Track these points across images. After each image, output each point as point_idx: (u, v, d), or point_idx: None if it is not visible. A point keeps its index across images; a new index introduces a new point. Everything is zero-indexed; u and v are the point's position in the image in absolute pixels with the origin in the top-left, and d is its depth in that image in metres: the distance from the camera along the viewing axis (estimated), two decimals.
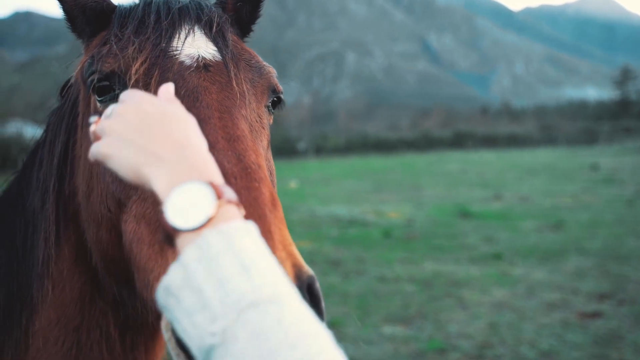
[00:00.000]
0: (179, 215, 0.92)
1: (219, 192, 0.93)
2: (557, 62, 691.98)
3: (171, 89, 1.18)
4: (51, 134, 1.65)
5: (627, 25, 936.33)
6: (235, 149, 1.20)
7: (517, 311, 7.69)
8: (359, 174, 36.98)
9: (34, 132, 1.83)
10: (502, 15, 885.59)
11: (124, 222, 1.23)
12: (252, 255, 0.88)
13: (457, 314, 7.65)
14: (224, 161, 1.15)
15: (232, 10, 1.60)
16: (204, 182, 0.95)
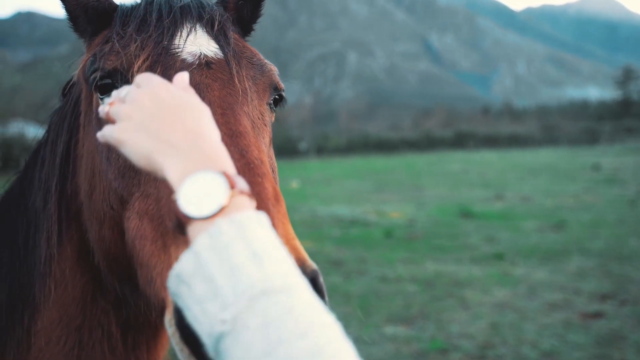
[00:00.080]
0: (192, 203, 0.92)
1: (232, 182, 0.94)
2: (558, 62, 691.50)
3: (186, 78, 1.18)
4: (53, 133, 1.65)
5: (629, 25, 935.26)
6: (237, 144, 1.20)
7: (518, 311, 7.68)
8: (361, 174, 36.99)
9: (36, 132, 1.83)
10: (503, 15, 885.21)
11: (127, 219, 1.24)
12: (263, 244, 0.89)
13: (458, 314, 7.65)
14: None
15: (233, 9, 1.61)
16: (218, 171, 0.96)
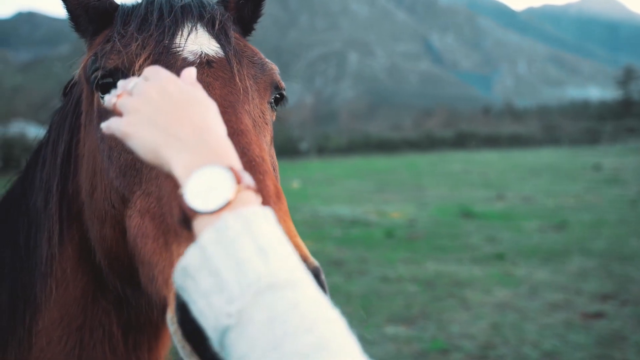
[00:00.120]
0: (198, 197, 0.93)
1: (238, 177, 0.95)
2: (559, 62, 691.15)
3: (193, 74, 1.19)
4: (54, 133, 1.65)
5: (630, 25, 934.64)
6: (239, 142, 1.21)
7: (519, 311, 7.68)
8: (362, 174, 36.99)
9: (37, 132, 1.83)
10: (504, 15, 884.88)
11: (128, 217, 1.24)
12: (269, 239, 0.89)
13: (459, 314, 7.65)
14: None
15: (234, 8, 1.61)
16: (224, 166, 0.96)
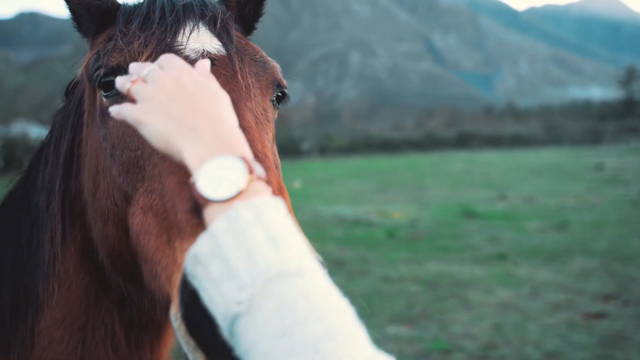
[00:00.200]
0: (211, 186, 0.95)
1: (250, 168, 0.97)
2: (561, 62, 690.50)
3: (207, 65, 1.21)
4: (57, 133, 1.65)
5: (632, 24, 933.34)
6: None
7: (521, 312, 7.67)
8: (363, 174, 37.00)
9: (39, 132, 1.83)
10: (506, 15, 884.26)
11: (131, 215, 1.24)
12: (280, 229, 0.90)
13: (461, 314, 7.64)
14: None
15: (235, 8, 1.61)
16: (237, 156, 0.98)
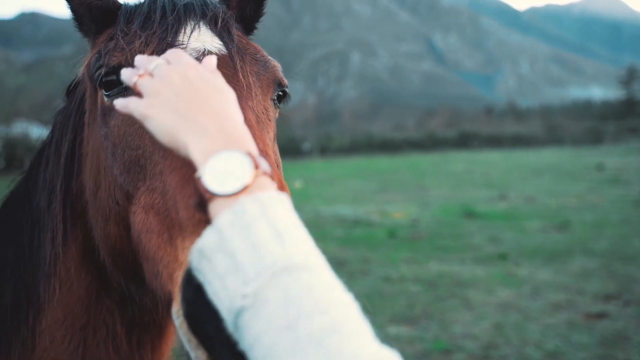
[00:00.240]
0: (216, 180, 0.95)
1: (256, 163, 0.97)
2: (562, 61, 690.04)
3: (214, 62, 1.24)
4: (57, 133, 1.65)
5: (633, 24, 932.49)
6: None
7: (522, 312, 7.67)
8: (364, 174, 37.00)
9: (40, 132, 1.83)
10: (507, 15, 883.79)
11: (133, 213, 1.24)
12: (285, 224, 0.91)
13: (462, 314, 7.64)
14: None
15: (236, 7, 1.62)
16: (243, 151, 0.99)
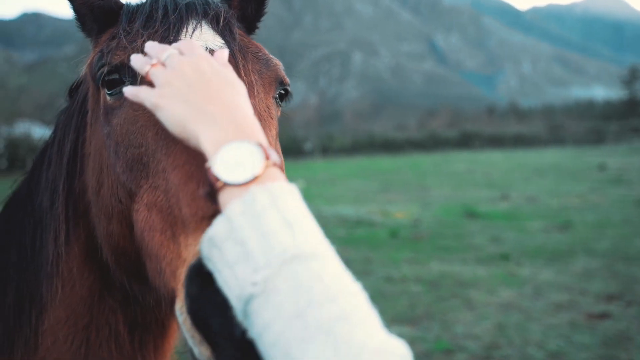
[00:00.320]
0: (227, 170, 0.97)
1: (266, 154, 0.99)
2: (564, 61, 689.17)
3: (226, 55, 1.27)
4: (60, 133, 1.66)
5: (636, 24, 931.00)
6: None
7: (524, 312, 7.66)
8: (366, 174, 36.98)
9: (43, 133, 1.84)
10: (509, 14, 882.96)
11: (135, 211, 1.24)
12: (295, 214, 0.92)
13: (464, 314, 7.63)
14: None
15: (237, 7, 1.62)
16: (254, 142, 1.00)
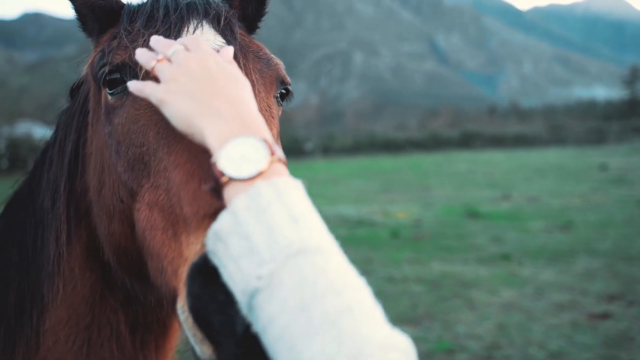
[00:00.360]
0: (233, 165, 0.97)
1: (271, 149, 0.99)
2: (565, 61, 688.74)
3: (231, 52, 1.29)
4: (61, 133, 1.66)
5: (637, 24, 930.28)
6: None
7: (525, 312, 7.65)
8: (367, 174, 36.98)
9: (44, 133, 1.84)
10: (510, 14, 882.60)
11: (137, 210, 1.25)
12: (300, 209, 0.93)
13: (465, 314, 7.63)
14: None
15: (238, 6, 1.62)
16: (259, 137, 1.01)
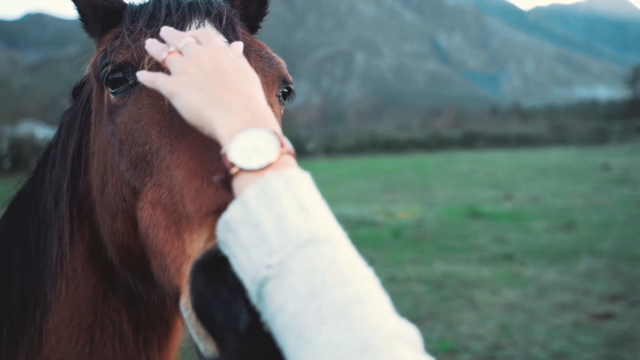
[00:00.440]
0: (243, 156, 0.99)
1: (281, 142, 1.01)
2: (567, 61, 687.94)
3: (241, 47, 1.32)
4: (64, 133, 1.66)
5: (639, 23, 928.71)
6: None
7: (528, 312, 7.64)
8: (369, 174, 36.98)
9: (46, 133, 1.84)
10: (512, 14, 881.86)
11: (140, 209, 1.25)
12: (309, 199, 0.94)
13: (467, 314, 7.62)
14: None
15: (239, 6, 1.62)
16: (268, 130, 1.02)
